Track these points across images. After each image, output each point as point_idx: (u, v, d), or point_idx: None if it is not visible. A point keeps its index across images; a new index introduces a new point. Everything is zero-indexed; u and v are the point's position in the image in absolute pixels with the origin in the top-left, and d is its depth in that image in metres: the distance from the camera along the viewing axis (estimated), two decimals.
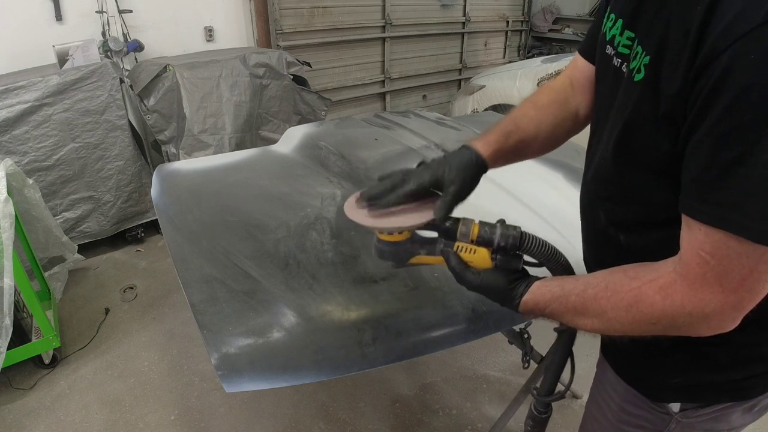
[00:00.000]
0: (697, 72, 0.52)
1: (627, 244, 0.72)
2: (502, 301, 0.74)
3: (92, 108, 2.67)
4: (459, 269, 0.75)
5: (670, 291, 0.57)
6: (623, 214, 0.72)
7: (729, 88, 0.49)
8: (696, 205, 0.54)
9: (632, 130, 0.63)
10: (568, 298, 0.67)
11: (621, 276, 0.63)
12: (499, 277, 0.73)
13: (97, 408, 1.97)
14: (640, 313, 0.59)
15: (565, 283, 0.69)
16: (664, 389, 0.76)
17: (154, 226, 3.20)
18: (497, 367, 2.16)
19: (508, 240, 0.73)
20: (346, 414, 1.94)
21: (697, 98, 0.52)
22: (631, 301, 0.60)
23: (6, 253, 1.80)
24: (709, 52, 0.50)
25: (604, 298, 0.63)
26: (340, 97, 4.50)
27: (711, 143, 0.52)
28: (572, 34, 5.71)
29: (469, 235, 0.75)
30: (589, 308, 0.64)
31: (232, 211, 1.41)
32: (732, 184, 0.50)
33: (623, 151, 0.67)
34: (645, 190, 0.66)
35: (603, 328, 0.65)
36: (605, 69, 0.74)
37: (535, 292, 0.71)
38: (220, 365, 0.90)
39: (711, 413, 0.74)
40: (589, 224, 0.82)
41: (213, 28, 3.64)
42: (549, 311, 0.69)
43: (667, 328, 0.60)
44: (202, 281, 1.10)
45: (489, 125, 0.88)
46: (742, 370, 0.70)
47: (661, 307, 0.58)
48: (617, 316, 0.62)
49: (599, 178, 0.74)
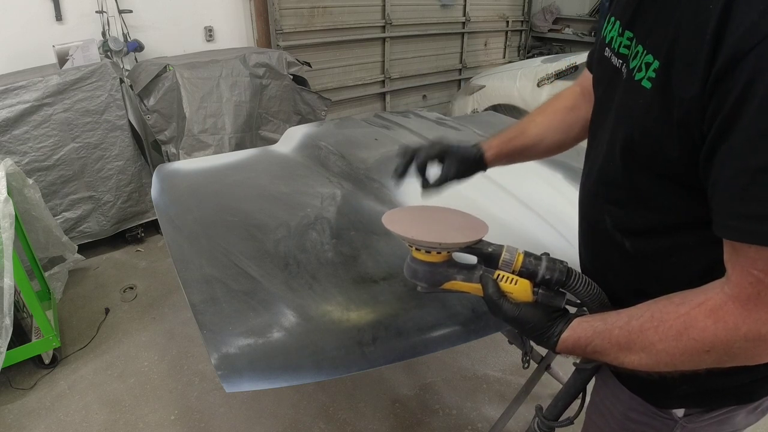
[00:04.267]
0: (718, 76, 0.49)
1: (633, 249, 0.69)
2: (539, 338, 0.69)
3: (92, 108, 2.67)
4: (496, 298, 0.71)
5: (721, 313, 0.53)
6: (631, 219, 0.69)
7: (758, 90, 0.46)
8: (740, 225, 0.50)
9: (641, 136, 0.61)
10: (611, 333, 0.62)
11: (666, 303, 0.58)
12: (539, 312, 0.69)
13: (97, 408, 1.97)
14: (691, 341, 0.55)
15: (608, 317, 0.64)
16: (671, 396, 0.75)
17: (154, 226, 3.20)
18: (497, 367, 2.16)
19: (554, 274, 0.69)
20: (346, 414, 1.94)
21: (722, 104, 0.49)
22: (681, 328, 0.55)
23: (6, 253, 1.80)
24: (731, 54, 0.47)
25: (650, 328, 0.58)
26: (340, 97, 4.50)
27: (746, 152, 0.48)
28: (572, 34, 5.71)
29: (513, 264, 0.70)
30: (635, 341, 0.59)
31: (232, 211, 1.41)
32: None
33: (631, 156, 0.64)
34: (654, 195, 0.64)
35: (652, 364, 0.59)
36: (604, 71, 0.73)
37: (575, 329, 0.66)
38: (220, 365, 0.90)
39: (716, 417, 0.74)
40: (591, 228, 0.79)
41: (213, 28, 3.64)
42: (591, 349, 0.64)
43: (722, 357, 0.54)
44: (202, 281, 1.10)
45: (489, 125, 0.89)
46: (748, 374, 0.68)
47: (713, 332, 0.53)
48: (667, 347, 0.57)
49: (604, 181, 0.72)
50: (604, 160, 0.71)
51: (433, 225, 0.77)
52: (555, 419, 0.93)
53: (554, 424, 0.94)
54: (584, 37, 5.56)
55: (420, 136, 1.95)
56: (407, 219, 0.78)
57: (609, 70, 0.70)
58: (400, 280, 1.12)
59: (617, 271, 0.74)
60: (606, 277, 0.76)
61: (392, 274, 1.14)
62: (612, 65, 0.69)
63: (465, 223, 0.77)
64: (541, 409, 0.93)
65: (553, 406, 0.90)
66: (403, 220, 0.77)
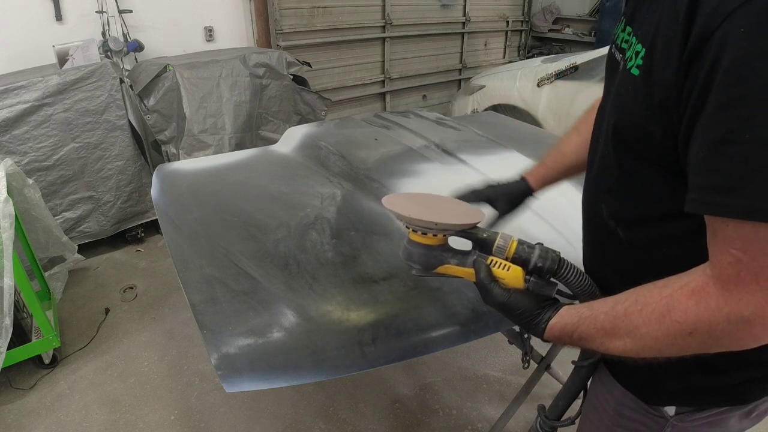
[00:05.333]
0: (691, 55, 0.51)
1: (626, 239, 0.71)
2: (526, 324, 0.70)
3: (92, 108, 2.67)
4: (487, 282, 0.71)
5: (703, 294, 0.53)
6: (623, 208, 0.70)
7: (721, 66, 0.47)
8: (715, 198, 0.50)
9: (628, 119, 0.63)
10: (596, 318, 0.62)
11: (650, 287, 0.59)
12: (529, 299, 0.70)
13: (97, 408, 1.97)
14: (674, 323, 0.54)
15: (594, 303, 0.65)
16: (660, 393, 0.75)
17: (154, 226, 3.20)
18: (497, 367, 2.16)
19: (546, 262, 0.70)
20: (346, 414, 1.94)
21: (694, 84, 0.51)
22: (663, 310, 0.55)
23: (6, 253, 1.80)
24: (700, 33, 0.49)
25: (634, 312, 0.58)
26: (340, 97, 4.50)
27: (709, 125, 0.49)
28: (572, 34, 5.71)
29: (506, 250, 0.71)
30: (619, 326, 0.59)
31: (232, 211, 1.41)
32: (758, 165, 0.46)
33: (620, 141, 0.66)
34: (642, 182, 0.65)
35: (637, 348, 0.59)
36: (609, 67, 0.75)
37: (563, 315, 0.67)
38: (220, 365, 0.90)
39: (707, 417, 0.74)
40: (590, 220, 0.81)
41: (213, 28, 3.64)
42: (577, 335, 0.65)
43: (706, 341, 0.54)
44: (202, 281, 1.10)
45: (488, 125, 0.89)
46: (739, 375, 0.69)
47: (695, 313, 0.53)
48: (650, 331, 0.56)
49: (602, 171, 0.74)
50: (603, 150, 0.73)
51: (431, 208, 0.78)
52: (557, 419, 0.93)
53: (556, 424, 0.94)
54: (584, 37, 5.56)
55: (420, 136, 1.95)
56: (407, 202, 0.79)
57: (612, 65, 0.73)
58: (400, 280, 1.13)
59: (614, 264, 0.75)
60: (604, 272, 0.77)
61: (392, 274, 1.14)
62: (615, 60, 0.72)
63: (462, 210, 0.79)
64: (543, 409, 0.93)
65: (554, 405, 0.90)
66: (403, 203, 0.78)
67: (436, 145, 1.85)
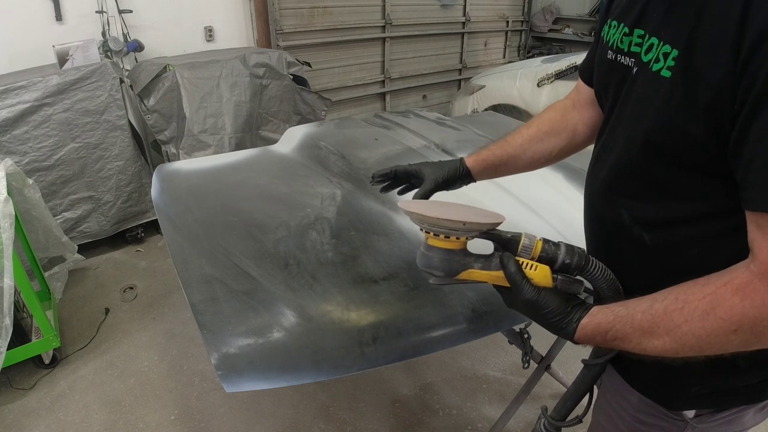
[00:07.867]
0: (748, 55, 0.50)
1: (653, 243, 0.69)
2: (556, 324, 0.67)
3: (92, 108, 2.67)
4: (519, 278, 0.69)
5: (748, 290, 0.52)
6: (650, 212, 0.68)
7: None
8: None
9: (663, 124, 0.61)
10: (633, 317, 0.60)
11: (690, 285, 0.58)
12: (559, 297, 0.68)
13: (97, 408, 1.97)
14: (718, 320, 0.54)
15: (629, 302, 0.63)
16: (682, 397, 0.75)
17: (154, 226, 3.20)
18: (497, 367, 2.16)
19: (573, 258, 0.69)
20: (346, 414, 1.94)
21: (754, 82, 0.50)
22: (707, 307, 0.54)
23: (6, 253, 1.80)
24: (758, 33, 0.49)
25: (675, 310, 0.57)
26: (340, 97, 4.50)
27: None
28: (572, 34, 5.71)
29: (532, 250, 0.70)
30: (659, 325, 0.58)
31: (232, 211, 1.41)
32: None
33: (653, 147, 0.64)
34: (675, 185, 0.64)
35: (677, 347, 0.58)
36: (609, 73, 0.74)
37: (595, 315, 0.65)
38: (220, 365, 0.90)
39: (726, 417, 0.74)
40: (603, 223, 0.79)
41: (213, 28, 3.64)
42: (611, 335, 0.63)
43: (749, 337, 0.54)
44: (202, 281, 1.10)
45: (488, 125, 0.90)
46: (759, 373, 0.70)
47: (741, 310, 0.52)
48: (693, 329, 0.55)
49: (620, 176, 0.72)
50: (618, 156, 0.71)
51: (452, 211, 0.74)
52: (563, 419, 0.92)
53: (562, 424, 0.93)
54: (584, 37, 5.56)
55: (420, 136, 1.95)
56: (425, 206, 0.76)
57: (618, 71, 0.71)
58: (400, 280, 1.13)
59: (633, 268, 0.74)
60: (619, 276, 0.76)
61: (392, 274, 1.14)
62: (621, 65, 0.70)
63: (482, 213, 0.76)
64: (546, 410, 0.92)
65: (561, 405, 0.89)
66: (421, 207, 0.74)
67: (436, 145, 1.86)
